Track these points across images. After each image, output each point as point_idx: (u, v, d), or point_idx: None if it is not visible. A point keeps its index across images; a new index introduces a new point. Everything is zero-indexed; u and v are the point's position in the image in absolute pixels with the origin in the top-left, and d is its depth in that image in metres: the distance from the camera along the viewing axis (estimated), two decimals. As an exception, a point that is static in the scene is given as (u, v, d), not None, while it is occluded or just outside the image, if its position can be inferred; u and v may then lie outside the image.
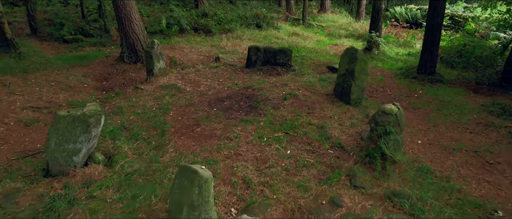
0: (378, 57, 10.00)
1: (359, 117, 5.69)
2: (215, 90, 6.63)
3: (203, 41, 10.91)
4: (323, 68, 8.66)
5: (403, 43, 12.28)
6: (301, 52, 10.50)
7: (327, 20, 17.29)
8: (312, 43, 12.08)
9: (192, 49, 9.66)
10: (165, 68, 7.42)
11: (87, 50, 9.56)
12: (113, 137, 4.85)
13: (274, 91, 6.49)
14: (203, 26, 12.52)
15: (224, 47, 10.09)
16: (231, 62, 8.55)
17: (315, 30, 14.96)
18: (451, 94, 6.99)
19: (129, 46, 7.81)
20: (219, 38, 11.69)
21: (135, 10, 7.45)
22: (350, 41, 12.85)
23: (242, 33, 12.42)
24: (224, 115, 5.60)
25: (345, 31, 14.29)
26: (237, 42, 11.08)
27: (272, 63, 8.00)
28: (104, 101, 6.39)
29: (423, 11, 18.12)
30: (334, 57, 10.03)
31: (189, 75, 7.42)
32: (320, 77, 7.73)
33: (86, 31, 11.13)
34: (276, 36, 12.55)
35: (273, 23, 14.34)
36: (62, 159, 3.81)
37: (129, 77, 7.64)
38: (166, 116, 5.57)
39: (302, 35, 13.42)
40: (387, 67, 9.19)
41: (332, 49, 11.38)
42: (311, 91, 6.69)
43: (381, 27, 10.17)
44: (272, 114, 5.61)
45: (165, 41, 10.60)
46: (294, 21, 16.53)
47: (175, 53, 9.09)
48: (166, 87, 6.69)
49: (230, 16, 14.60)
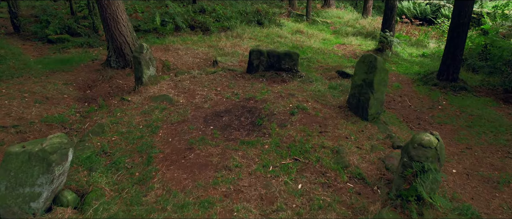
0: (391, 60, 9.15)
1: (380, 137, 4.88)
2: (212, 102, 5.81)
3: (200, 41, 10.05)
4: (333, 73, 7.83)
5: (415, 42, 11.42)
6: (306, 53, 9.64)
7: (332, 15, 16.37)
8: (318, 42, 11.22)
9: (187, 50, 8.80)
10: (156, 75, 6.59)
11: (72, 52, 8.71)
12: (89, 167, 4.05)
13: (280, 103, 5.68)
14: (201, 24, 11.64)
15: (222, 48, 9.24)
16: (231, 66, 7.70)
17: (320, 27, 14.07)
18: (479, 106, 6.18)
19: (116, 50, 6.97)
20: (218, 37, 10.82)
21: (121, 10, 6.59)
22: (358, 39, 11.98)
23: (242, 31, 11.54)
24: (222, 135, 4.80)
25: (352, 28, 13.41)
26: (237, 41, 10.21)
27: (276, 68, 7.16)
28: (85, 116, 5.57)
29: (432, 6, 17.22)
30: (343, 59, 9.19)
31: (183, 82, 6.59)
32: (330, 84, 6.91)
33: (73, 30, 10.26)
34: (279, 35, 11.68)
35: (275, 19, 13.45)
36: (17, 206, 3.02)
37: (116, 84, 6.81)
38: (154, 137, 4.76)
39: (307, 32, 12.54)
40: (402, 71, 8.35)
41: (340, 49, 10.52)
42: (321, 103, 5.88)
43: (394, 26, 9.30)
44: (278, 134, 4.80)
45: (159, 41, 9.74)
46: (297, 17, 15.62)
47: (168, 55, 8.24)
48: (156, 98, 5.87)
49: (230, 12, 13.69)
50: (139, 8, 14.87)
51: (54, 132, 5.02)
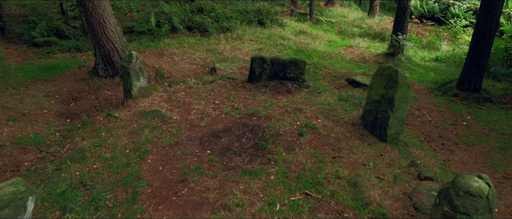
0: (404, 65, 8.48)
1: (402, 164, 4.24)
2: (210, 118, 5.15)
3: (197, 44, 9.37)
4: (342, 81, 7.16)
5: (426, 45, 10.74)
6: (312, 57, 8.97)
7: (336, 14, 15.67)
8: (323, 45, 10.53)
9: (184, 55, 8.13)
10: (148, 86, 5.93)
11: (59, 57, 8.03)
12: (63, 206, 3.41)
13: (286, 120, 5.03)
14: (198, 25, 10.94)
15: (221, 52, 8.56)
16: (230, 74, 7.04)
17: (324, 27, 13.38)
18: (509, 121, 5.53)
19: (104, 57, 6.30)
20: (217, 39, 10.13)
21: (109, 13, 5.91)
22: (365, 41, 11.29)
23: (243, 32, 10.85)
24: (221, 162, 4.15)
25: (359, 28, 12.71)
26: (237, 44, 9.53)
27: (281, 77, 6.50)
28: (65, 136, 4.92)
29: (441, 4, 16.50)
30: (352, 65, 8.51)
31: (178, 94, 5.93)
32: (340, 95, 6.25)
33: (62, 32, 9.57)
34: (282, 36, 10.99)
35: (278, 19, 12.74)
36: None
37: (103, 96, 6.15)
38: (142, 164, 4.11)
39: (311, 33, 11.86)
40: (416, 79, 7.69)
41: (347, 52, 9.84)
42: (332, 119, 5.22)
43: (406, 28, 8.62)
44: (285, 160, 4.16)
45: (153, 44, 9.06)
46: (300, 16, 14.91)
47: (163, 62, 7.57)
48: (146, 114, 5.22)
49: (229, 12, 12.98)
50: (134, 6, 14.17)
51: (27, 157, 4.38)
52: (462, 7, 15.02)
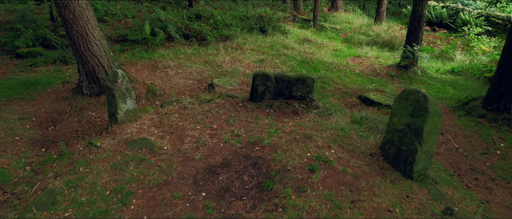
0: (419, 79, 7.80)
1: (435, 209, 3.54)
2: (206, 149, 4.46)
3: (194, 54, 8.68)
4: (353, 98, 6.47)
5: (439, 54, 10.06)
6: (318, 69, 8.29)
7: (341, 20, 15.02)
8: (329, 55, 9.86)
9: (179, 68, 7.44)
10: (135, 108, 5.23)
11: (42, 70, 7.34)
12: None
13: (294, 151, 4.34)
14: (196, 33, 10.27)
15: (220, 65, 7.87)
16: (230, 91, 6.35)
17: (329, 34, 12.71)
18: (549, 151, 4.83)
19: (88, 74, 5.62)
20: (216, 48, 9.46)
21: (92, 25, 5.23)
22: (373, 50, 10.62)
23: (243, 41, 10.18)
24: (218, 209, 3.45)
25: (366, 36, 12.05)
26: (237, 55, 8.85)
27: (286, 96, 5.81)
28: (37, 171, 4.22)
29: (449, 9, 15.85)
30: (362, 78, 7.83)
31: (171, 117, 5.24)
32: (353, 117, 5.57)
33: (49, 41, 8.90)
34: (285, 45, 10.32)
35: (280, 26, 12.08)
36: None
37: (87, 118, 5.45)
38: (123, 212, 3.42)
39: (315, 41, 11.19)
40: (434, 95, 7.00)
41: (356, 63, 9.16)
42: (347, 149, 4.54)
43: (421, 38, 7.95)
44: (296, 206, 3.46)
45: (147, 55, 8.38)
46: (303, 22, 14.26)
47: (155, 76, 6.88)
48: (133, 143, 4.52)
49: (229, 19, 12.32)
50: (129, 12, 13.53)
51: (-12, 200, 3.67)
52: (472, 13, 14.36)
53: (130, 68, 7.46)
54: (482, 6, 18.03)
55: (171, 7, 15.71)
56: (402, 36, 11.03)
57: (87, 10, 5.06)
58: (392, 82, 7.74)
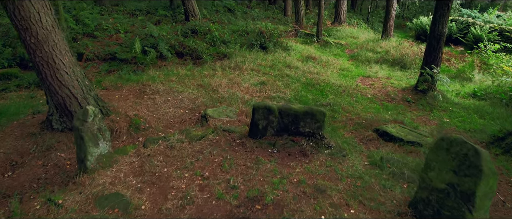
0: (439, 105, 6.93)
1: None
2: (194, 208, 3.56)
3: (188, 76, 7.84)
4: (369, 132, 5.59)
5: (456, 74, 9.23)
6: (326, 93, 7.43)
7: (345, 35, 14.25)
8: (336, 75, 9.02)
9: (169, 94, 6.58)
10: (111, 151, 4.34)
11: (13, 96, 6.48)
12: None
13: (305, 212, 3.46)
14: (191, 50, 9.45)
15: (216, 89, 7.02)
16: (226, 123, 5.48)
17: (334, 51, 11.91)
18: None
19: (59, 107, 4.75)
20: (212, 68, 8.63)
21: (61, 49, 4.38)
22: (383, 69, 9.79)
23: (242, 59, 9.36)
24: None
25: (373, 53, 11.24)
26: (235, 76, 8.01)
27: (292, 132, 4.93)
28: (-23, 240, 3.31)
29: (459, 23, 15.09)
30: (376, 105, 6.96)
31: (154, 160, 4.35)
32: (371, 157, 4.69)
33: (27, 61, 8.06)
34: (287, 63, 9.49)
35: (281, 42, 11.28)
36: None
37: (54, 161, 4.56)
38: None
39: (320, 59, 10.37)
40: (460, 124, 6.13)
41: (366, 85, 8.30)
42: (370, 206, 3.64)
43: (440, 59, 7.11)
44: None
45: (135, 77, 7.53)
46: (305, 37, 13.49)
47: (141, 105, 6.01)
48: (104, 199, 3.62)
49: (228, 35, 11.53)
50: (122, 27, 12.76)
51: None
52: (484, 27, 13.58)
53: (114, 93, 6.60)
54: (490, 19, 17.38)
55: (167, 20, 14.98)
56: (414, 54, 10.23)
57: (53, 32, 4.22)
58: (410, 109, 6.88)
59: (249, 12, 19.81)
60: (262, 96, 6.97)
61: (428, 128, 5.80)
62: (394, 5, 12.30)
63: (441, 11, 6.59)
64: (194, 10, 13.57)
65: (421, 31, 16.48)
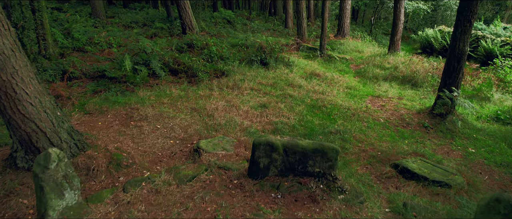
0: (460, 131, 6.21)
1: None
2: None
3: (182, 98, 7.14)
4: (386, 167, 4.85)
5: (472, 93, 8.53)
6: (333, 117, 6.71)
7: (350, 49, 13.62)
8: (343, 94, 8.32)
9: (158, 120, 5.86)
10: (80, 201, 3.59)
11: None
12: None
13: None
14: (186, 68, 8.77)
15: (212, 113, 6.30)
16: (222, 158, 4.75)
17: (339, 66, 11.25)
18: None
19: (23, 143, 4.03)
20: (208, 87, 7.94)
21: (24, 76, 3.68)
22: (393, 87, 9.10)
23: (241, 77, 8.68)
24: None
25: (381, 69, 10.57)
26: (233, 97, 7.31)
27: (299, 172, 4.20)
28: None
29: (467, 36, 14.45)
30: (391, 132, 6.24)
31: (134, 210, 3.60)
32: (391, 201, 3.96)
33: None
34: (290, 81, 8.81)
35: (283, 57, 10.62)
36: None
37: (14, 210, 3.81)
38: None
39: (324, 76, 9.69)
40: (488, 156, 5.39)
41: (377, 107, 7.59)
42: None
43: (461, 79, 6.42)
44: None
45: (123, 99, 6.82)
46: (308, 51, 12.84)
47: (126, 135, 5.29)
48: None
49: (226, 49, 10.89)
50: (115, 41, 12.12)
51: None
52: (496, 41, 12.95)
53: (97, 119, 5.88)
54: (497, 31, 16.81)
55: (164, 33, 14.38)
56: (425, 70, 9.55)
57: (13, 57, 3.52)
58: (429, 136, 6.15)
59: (249, 23, 19.26)
60: (263, 121, 6.25)
61: (453, 163, 5.06)
62: (401, 18, 11.69)
63: (462, 28, 5.92)
64: (191, 23, 12.98)
65: (427, 43, 15.89)
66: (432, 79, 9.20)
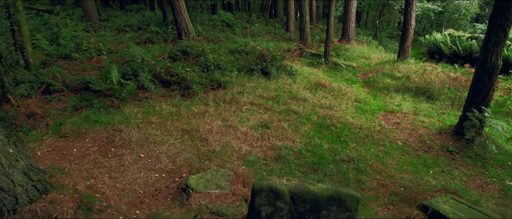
0: (493, 157, 5.39)
1: None
2: None
3: (173, 115, 6.34)
4: (413, 210, 4.04)
5: (494, 108, 7.71)
6: (344, 139, 5.90)
7: (356, 55, 12.82)
8: (352, 108, 7.51)
9: (143, 148, 5.05)
10: None
11: None
12: None
13: None
14: (180, 79, 7.96)
15: (205, 137, 5.49)
16: (215, 199, 3.93)
17: (345, 75, 10.44)
18: None
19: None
20: (203, 102, 7.14)
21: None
22: (407, 99, 8.29)
23: (240, 88, 7.89)
24: None
25: (391, 78, 9.76)
26: (231, 115, 6.51)
27: (309, 224, 3.38)
28: None
29: (479, 41, 13.64)
30: (411, 158, 5.42)
31: None
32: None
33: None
34: (293, 94, 8.00)
35: (285, 66, 9.81)
36: None
37: None
38: None
39: (330, 87, 8.88)
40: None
41: (392, 125, 6.78)
42: None
43: (491, 97, 5.61)
44: None
45: (105, 118, 6.02)
46: (312, 57, 12.04)
47: (102, 168, 4.47)
48: None
49: (224, 56, 10.10)
50: (105, 47, 11.32)
51: None
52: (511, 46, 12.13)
53: (72, 145, 5.08)
54: (509, 35, 15.94)
55: (159, 38, 13.57)
56: (441, 81, 8.75)
57: None
58: (455, 163, 5.34)
59: (249, 27, 18.46)
60: (265, 146, 5.44)
61: (492, 202, 4.25)
62: (412, 23, 10.89)
63: (496, 38, 5.12)
64: (187, 27, 12.16)
65: (435, 48, 15.06)
66: (449, 91, 8.40)
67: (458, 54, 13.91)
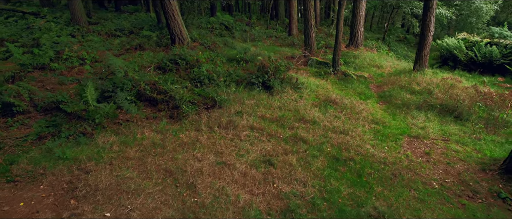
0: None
1: None
2: None
3: (156, 147, 5.19)
4: None
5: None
6: (367, 180, 4.75)
7: (367, 63, 11.66)
8: (370, 133, 6.36)
9: (110, 203, 3.90)
10: None
11: None
12: None
13: None
14: (168, 97, 6.81)
15: (193, 183, 4.34)
16: None
17: (357, 87, 9.29)
18: None
19: None
20: (194, 126, 6.00)
21: None
22: (431, 120, 7.14)
23: (239, 108, 6.76)
24: None
25: (410, 92, 8.61)
26: (227, 146, 5.36)
27: None
28: None
29: (501, 47, 12.48)
30: (456, 210, 4.27)
31: None
32: None
33: None
34: (301, 114, 6.86)
35: (290, 77, 8.66)
36: None
37: None
38: None
39: (341, 103, 7.73)
40: None
41: (420, 156, 5.62)
42: None
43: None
44: None
45: (71, 153, 4.87)
46: (318, 66, 10.89)
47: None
48: None
49: (221, 66, 8.96)
50: (90, 55, 10.17)
51: None
52: (540, 54, 11.00)
53: (21, 194, 3.93)
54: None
55: (150, 44, 12.39)
56: (470, 98, 7.59)
57: None
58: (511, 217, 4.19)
59: (249, 30, 17.32)
60: (269, 192, 4.29)
61: None
62: (431, 29, 9.74)
63: None
64: (181, 32, 11.01)
65: (449, 55, 13.94)
66: (480, 110, 7.26)
67: (475, 61, 12.79)
